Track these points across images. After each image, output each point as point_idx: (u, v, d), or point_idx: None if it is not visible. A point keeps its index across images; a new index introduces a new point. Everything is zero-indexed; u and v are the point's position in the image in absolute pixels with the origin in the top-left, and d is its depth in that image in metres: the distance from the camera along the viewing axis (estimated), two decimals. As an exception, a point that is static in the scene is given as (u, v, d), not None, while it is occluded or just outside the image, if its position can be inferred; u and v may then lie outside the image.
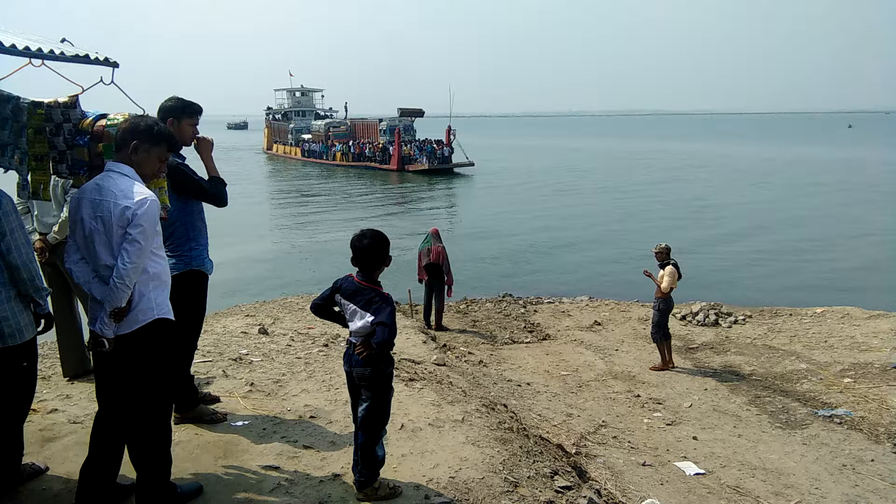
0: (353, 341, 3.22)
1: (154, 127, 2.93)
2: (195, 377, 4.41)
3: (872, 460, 5.85)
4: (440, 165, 41.56)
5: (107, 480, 2.92)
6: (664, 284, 8.41)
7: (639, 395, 7.52)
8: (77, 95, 3.59)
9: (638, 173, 42.02)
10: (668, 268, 8.44)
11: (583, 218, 24.30)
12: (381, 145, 45.12)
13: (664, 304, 8.54)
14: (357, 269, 3.26)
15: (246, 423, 4.18)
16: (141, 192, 2.76)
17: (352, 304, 3.20)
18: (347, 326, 3.28)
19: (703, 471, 5.56)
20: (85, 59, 3.61)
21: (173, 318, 2.95)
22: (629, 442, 6.16)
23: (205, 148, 4.00)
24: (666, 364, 8.46)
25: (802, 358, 8.80)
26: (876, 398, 7.26)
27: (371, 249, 3.20)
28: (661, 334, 8.52)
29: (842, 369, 8.24)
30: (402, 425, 4.30)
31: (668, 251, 8.62)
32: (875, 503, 5.13)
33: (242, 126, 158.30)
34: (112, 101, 3.88)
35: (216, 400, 4.46)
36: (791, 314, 10.90)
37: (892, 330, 9.43)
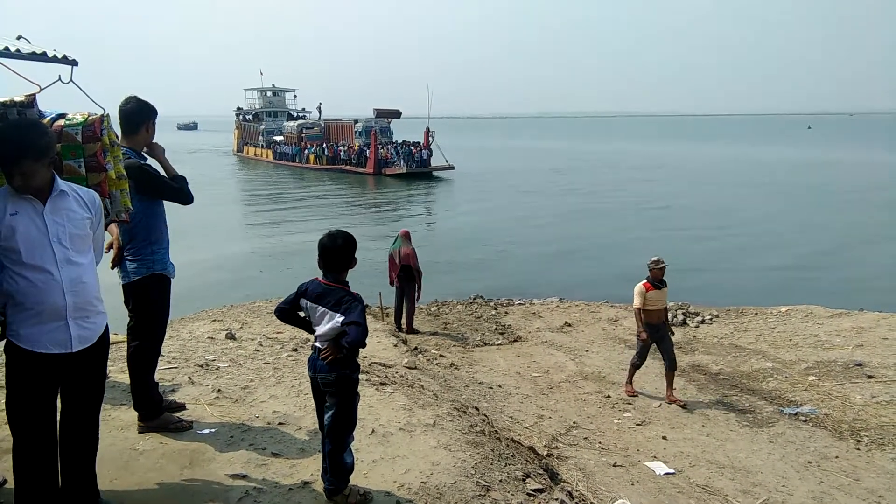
0: (319, 346, 3.17)
1: None
2: (160, 384, 4.30)
3: (837, 457, 5.96)
4: (419, 169, 40.67)
5: None
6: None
7: (609, 396, 7.56)
8: (34, 94, 3.47)
9: (604, 174, 42.55)
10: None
11: (554, 219, 24.48)
12: (356, 147, 44.09)
13: None
14: (323, 271, 3.22)
15: (213, 430, 4.08)
16: None
17: (320, 307, 3.14)
18: (313, 332, 3.23)
19: (672, 470, 5.61)
20: (42, 57, 3.50)
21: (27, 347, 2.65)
22: (600, 443, 6.19)
23: (158, 152, 3.98)
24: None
25: (768, 357, 8.96)
26: (839, 395, 7.41)
27: (343, 250, 3.17)
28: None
29: (806, 367, 8.41)
30: (373, 430, 4.25)
31: None
32: (840, 499, 5.23)
33: (192, 126, 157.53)
34: (71, 100, 3.77)
35: (182, 407, 4.36)
36: (756, 313, 11.11)
37: (854, 328, 9.66)
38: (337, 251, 3.17)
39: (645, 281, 7.39)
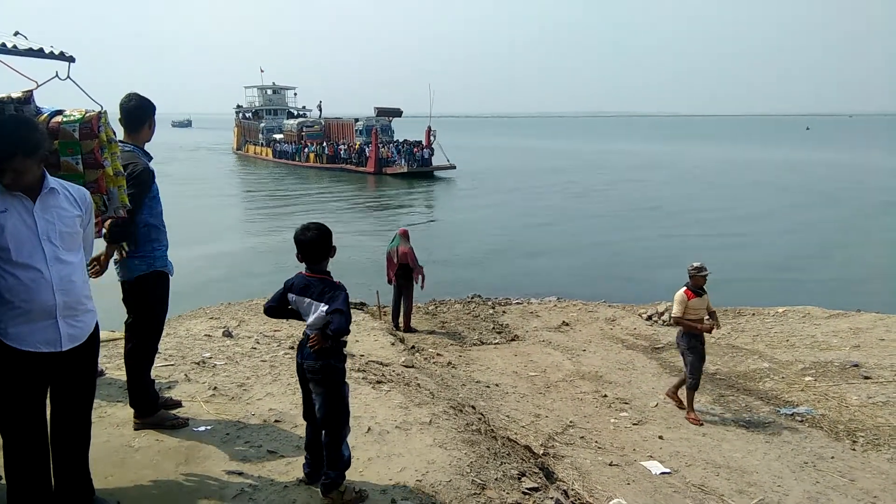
0: (308, 333, 3.22)
1: None
2: (156, 381, 4.30)
3: (832, 457, 5.97)
4: (420, 168, 40.28)
5: None
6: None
7: (606, 395, 7.57)
8: (31, 91, 3.48)
9: (604, 174, 42.50)
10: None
11: (552, 219, 24.48)
12: (357, 146, 43.71)
13: None
14: (304, 264, 3.27)
15: (209, 428, 4.09)
16: None
17: (306, 298, 3.22)
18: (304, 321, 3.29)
19: (668, 470, 5.62)
20: (39, 53, 3.50)
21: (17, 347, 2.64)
22: (596, 442, 6.20)
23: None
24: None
25: (765, 357, 8.96)
26: (836, 396, 7.42)
27: (316, 241, 3.22)
28: None
29: (803, 368, 8.42)
30: (369, 428, 4.26)
31: None
32: (835, 500, 5.24)
33: (186, 124, 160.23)
34: (68, 97, 3.78)
35: (178, 405, 4.36)
36: (754, 314, 11.12)
37: (850, 329, 9.67)
38: (309, 242, 3.22)
39: (685, 288, 6.90)
